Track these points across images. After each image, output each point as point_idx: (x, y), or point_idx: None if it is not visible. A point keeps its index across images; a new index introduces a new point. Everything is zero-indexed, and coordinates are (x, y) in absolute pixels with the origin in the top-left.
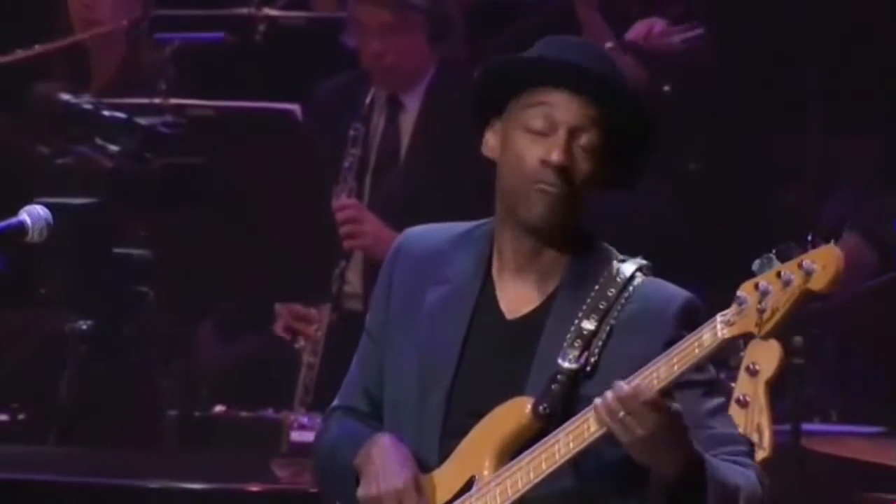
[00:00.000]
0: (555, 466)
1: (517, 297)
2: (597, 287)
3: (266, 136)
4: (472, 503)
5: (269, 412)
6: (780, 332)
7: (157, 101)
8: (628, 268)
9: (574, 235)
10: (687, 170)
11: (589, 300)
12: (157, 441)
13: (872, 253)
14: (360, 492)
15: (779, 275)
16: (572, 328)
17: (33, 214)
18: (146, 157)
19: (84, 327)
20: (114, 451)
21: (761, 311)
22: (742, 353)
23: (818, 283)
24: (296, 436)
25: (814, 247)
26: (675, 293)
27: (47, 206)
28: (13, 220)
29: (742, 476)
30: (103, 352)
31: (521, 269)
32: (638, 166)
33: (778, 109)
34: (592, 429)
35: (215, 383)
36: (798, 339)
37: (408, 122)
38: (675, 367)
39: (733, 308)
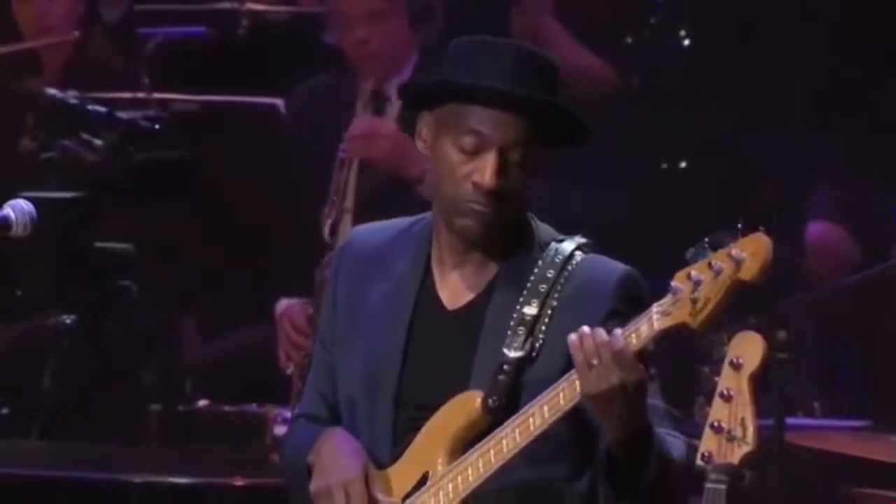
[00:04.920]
0: (503, 460)
1: (457, 287)
2: (536, 270)
3: (249, 130)
4: (426, 499)
5: (253, 406)
6: (715, 323)
7: (140, 95)
8: (567, 246)
9: (512, 225)
10: (677, 168)
11: (529, 284)
12: (141, 435)
13: (855, 247)
14: (312, 486)
15: (710, 265)
16: (514, 315)
17: (17, 209)
18: (128, 151)
19: (67, 321)
20: (97, 445)
21: (695, 301)
22: (726, 348)
23: (747, 273)
24: (279, 430)
25: (743, 235)
26: (614, 267)
27: (29, 200)
28: None
29: (676, 448)
30: (86, 346)
31: (460, 261)
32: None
33: (761, 107)
34: (538, 422)
35: (199, 377)
36: (782, 334)
37: (393, 111)
38: None
39: (668, 298)
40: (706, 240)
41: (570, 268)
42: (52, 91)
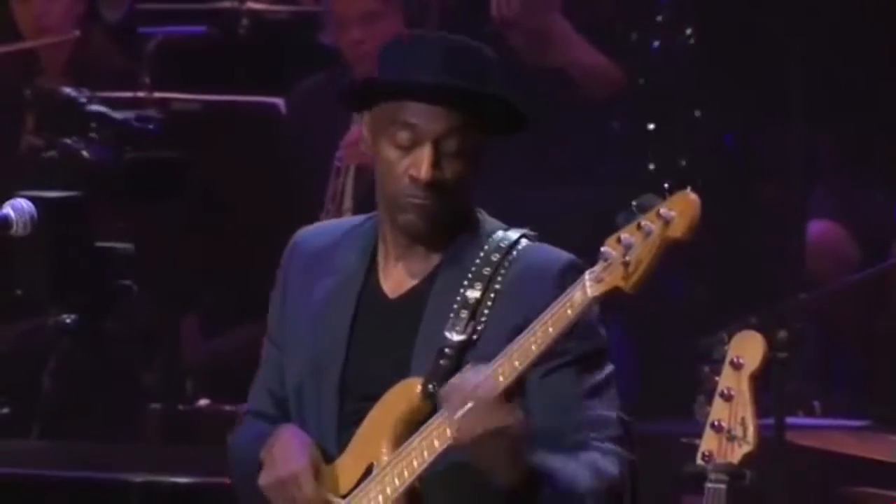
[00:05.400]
0: (446, 444)
1: (400, 277)
2: (481, 255)
3: (249, 129)
4: (372, 488)
5: None
6: (646, 283)
7: (141, 94)
8: (512, 234)
9: (457, 215)
10: (678, 166)
11: (473, 269)
12: (141, 435)
13: (855, 246)
14: (261, 480)
15: (639, 226)
16: (457, 298)
17: (17, 208)
18: (120, 151)
19: (67, 321)
20: (97, 444)
21: (626, 265)
22: (726, 347)
23: (677, 230)
24: None
25: (671, 194)
26: (558, 256)
27: (25, 199)
28: None
29: (591, 474)
30: (87, 345)
31: (404, 252)
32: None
33: (763, 106)
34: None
35: (199, 377)
36: (782, 333)
37: None
38: (551, 330)
39: (600, 265)
40: (634, 203)
41: (514, 253)
42: (67, 89)
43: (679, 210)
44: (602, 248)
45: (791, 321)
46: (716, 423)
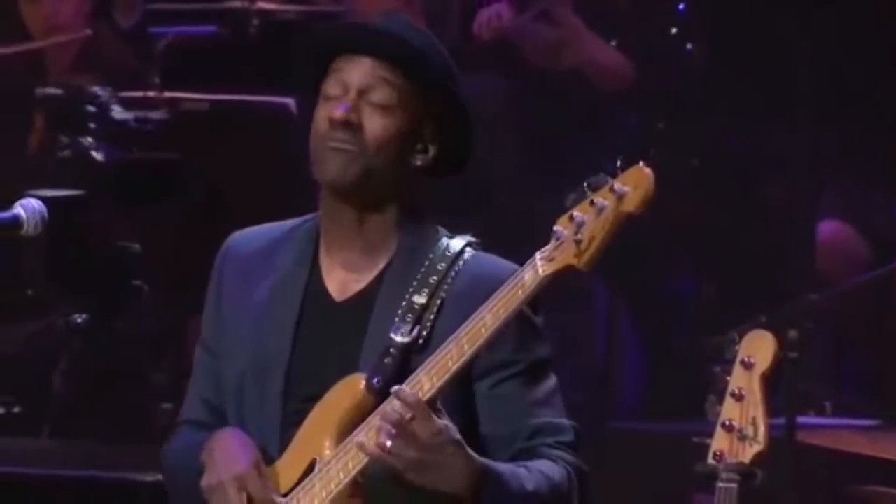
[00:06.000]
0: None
1: (344, 278)
2: (427, 262)
3: (260, 129)
4: (315, 483)
5: None
6: (599, 260)
7: (150, 94)
8: (457, 243)
9: (400, 213)
10: (690, 166)
11: (419, 275)
12: (151, 434)
13: (866, 246)
14: (203, 482)
15: (592, 203)
16: (403, 303)
17: (27, 208)
18: (132, 151)
19: (78, 321)
20: (107, 444)
21: (579, 242)
22: (737, 347)
23: (631, 204)
24: None
25: (623, 170)
26: (506, 267)
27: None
28: (7, 213)
29: (541, 480)
30: (97, 345)
31: (346, 247)
32: (459, 139)
33: (772, 106)
34: (426, 388)
35: None
36: (793, 333)
37: None
38: (501, 312)
39: (551, 244)
40: (585, 183)
41: (460, 263)
42: (95, 87)
43: (633, 184)
44: (554, 228)
45: (801, 321)
46: (727, 422)
